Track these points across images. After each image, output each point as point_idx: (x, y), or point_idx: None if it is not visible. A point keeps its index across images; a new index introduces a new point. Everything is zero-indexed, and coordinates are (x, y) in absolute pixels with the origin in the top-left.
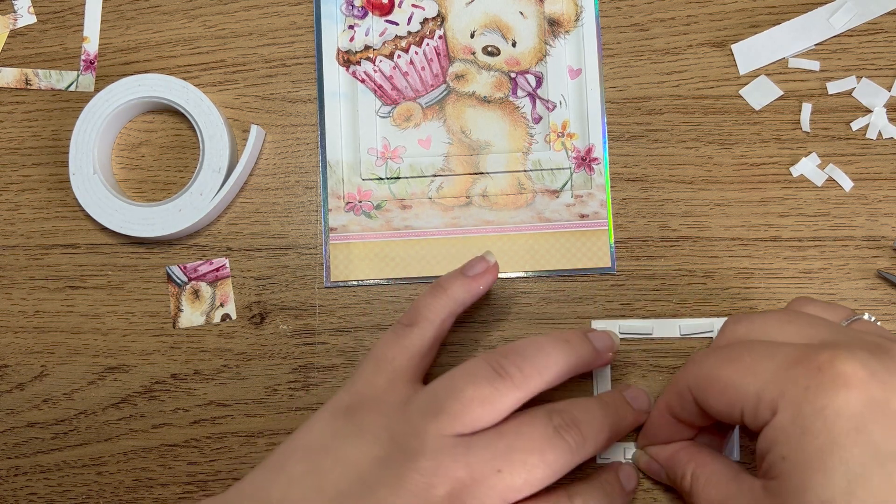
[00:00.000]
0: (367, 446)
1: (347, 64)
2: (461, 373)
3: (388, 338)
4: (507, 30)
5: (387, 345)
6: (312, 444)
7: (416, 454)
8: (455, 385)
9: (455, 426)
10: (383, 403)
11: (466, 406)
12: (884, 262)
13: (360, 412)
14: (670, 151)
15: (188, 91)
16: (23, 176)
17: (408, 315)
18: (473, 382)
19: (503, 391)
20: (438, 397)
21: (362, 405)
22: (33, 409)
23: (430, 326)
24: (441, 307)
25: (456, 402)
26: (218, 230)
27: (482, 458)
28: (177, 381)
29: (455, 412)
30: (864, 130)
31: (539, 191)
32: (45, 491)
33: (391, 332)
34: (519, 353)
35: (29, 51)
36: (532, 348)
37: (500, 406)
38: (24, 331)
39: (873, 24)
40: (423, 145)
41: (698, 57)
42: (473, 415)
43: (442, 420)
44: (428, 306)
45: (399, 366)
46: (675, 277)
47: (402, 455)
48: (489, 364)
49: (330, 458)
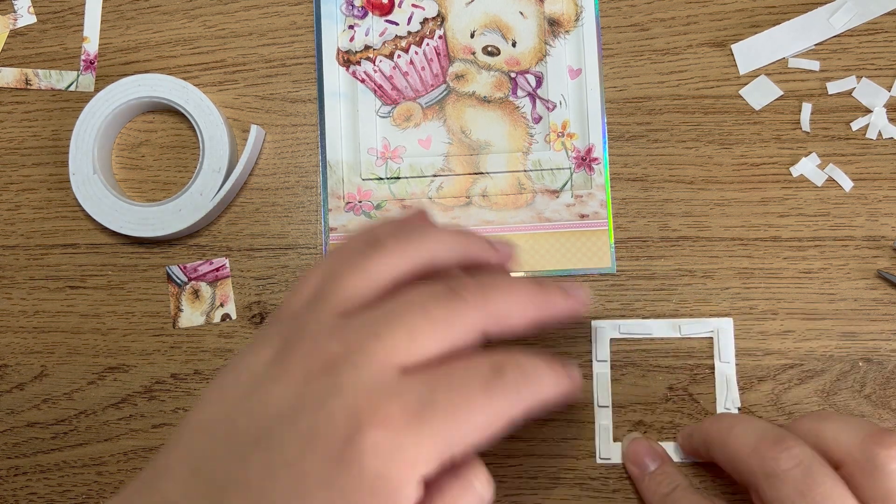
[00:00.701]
0: (264, 351)
1: (347, 64)
2: (336, 254)
3: None
4: (507, 30)
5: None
6: (227, 367)
7: (296, 341)
8: (331, 268)
9: (335, 305)
10: (282, 314)
11: (339, 281)
12: (884, 262)
13: (268, 330)
14: (670, 151)
15: (188, 91)
16: (23, 176)
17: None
18: (346, 258)
19: (375, 258)
20: (318, 286)
21: (272, 324)
22: (33, 409)
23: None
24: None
25: (330, 282)
26: (218, 230)
27: (357, 327)
28: (177, 381)
29: (330, 292)
30: (864, 130)
31: (539, 191)
32: (45, 491)
33: None
34: (396, 225)
35: (29, 51)
36: (409, 223)
37: (375, 273)
38: (24, 331)
39: (873, 24)
40: (423, 145)
41: (698, 57)
42: (348, 286)
43: (320, 304)
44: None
45: (313, 285)
46: (675, 277)
47: (285, 345)
48: (363, 240)
49: (233, 373)
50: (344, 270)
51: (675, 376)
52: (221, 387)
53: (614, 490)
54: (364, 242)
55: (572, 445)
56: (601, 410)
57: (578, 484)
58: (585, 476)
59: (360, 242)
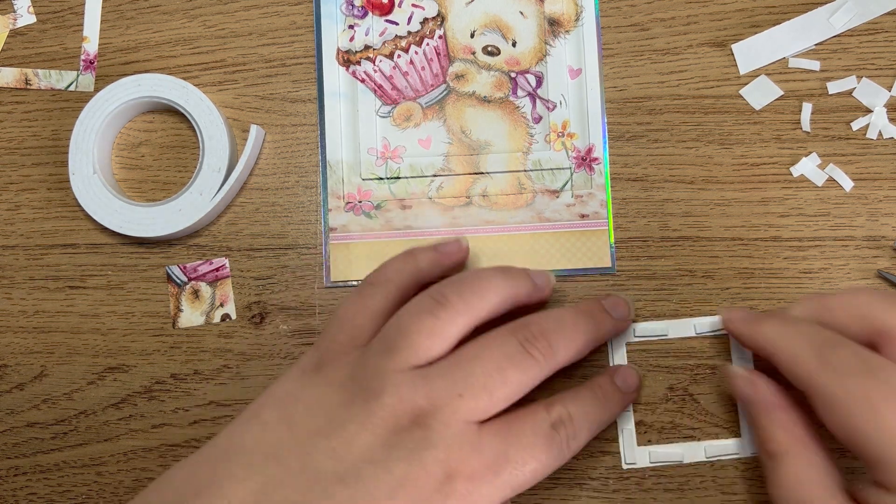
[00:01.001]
0: (334, 392)
1: (347, 64)
2: (406, 310)
3: (353, 297)
4: (507, 30)
5: (350, 304)
6: (283, 395)
7: (378, 392)
8: (401, 323)
9: (409, 360)
10: (345, 356)
11: (413, 338)
12: (884, 262)
13: (326, 367)
14: (670, 151)
15: (188, 91)
16: (23, 176)
17: (374, 274)
18: (417, 317)
19: (446, 319)
20: (389, 337)
21: (328, 361)
22: (33, 409)
23: (393, 288)
24: (406, 272)
25: (404, 339)
26: (218, 230)
27: (441, 385)
28: (177, 381)
29: (405, 347)
30: (864, 130)
31: (539, 191)
32: (45, 491)
33: (356, 290)
34: (459, 280)
35: (29, 51)
36: (471, 276)
37: (447, 334)
38: (24, 331)
39: (873, 24)
40: (423, 145)
41: (698, 57)
42: (422, 346)
43: (395, 357)
44: (394, 269)
45: (360, 324)
46: (675, 277)
47: (366, 394)
48: (431, 296)
49: (300, 405)
50: (417, 329)
51: (675, 376)
52: (290, 419)
53: (614, 490)
54: (434, 301)
55: None
56: (623, 414)
57: (579, 484)
58: (585, 476)
59: (429, 301)
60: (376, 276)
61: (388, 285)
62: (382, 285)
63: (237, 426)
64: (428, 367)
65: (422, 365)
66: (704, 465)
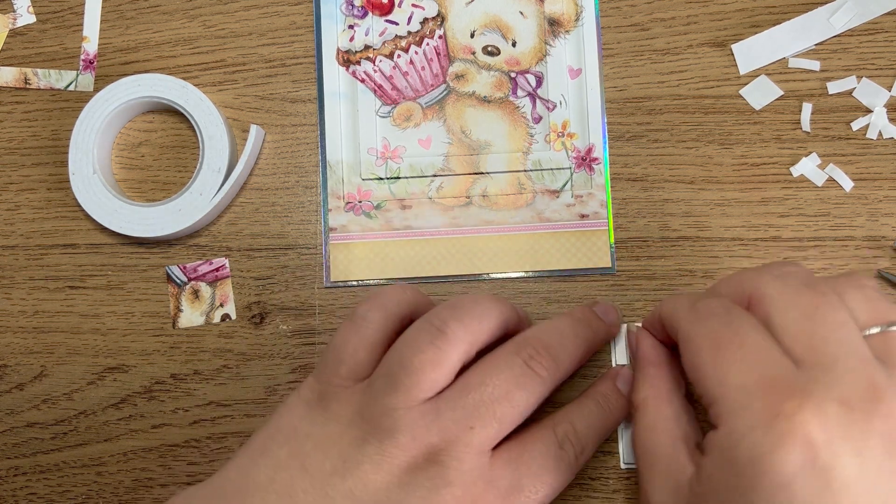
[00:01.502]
0: (345, 429)
1: (347, 64)
2: (405, 342)
3: (350, 327)
4: (507, 30)
5: (349, 335)
6: (292, 430)
7: (391, 431)
8: (403, 357)
9: (416, 395)
10: (349, 391)
11: (418, 374)
12: (884, 262)
13: (332, 402)
14: (670, 151)
15: (188, 91)
16: (22, 176)
17: (371, 302)
18: (418, 349)
19: (448, 350)
20: (392, 372)
21: (332, 395)
22: (33, 409)
23: (391, 316)
24: (405, 302)
25: (408, 375)
26: (218, 230)
27: (452, 419)
28: (177, 381)
29: (410, 384)
30: (864, 130)
31: (539, 191)
32: (45, 491)
33: (354, 320)
34: (458, 306)
35: (28, 50)
36: (469, 301)
37: (450, 363)
38: (23, 331)
39: (873, 24)
40: (423, 145)
41: (698, 57)
42: (427, 380)
43: (402, 394)
44: (392, 297)
45: (361, 359)
46: (675, 277)
47: (379, 433)
48: (431, 324)
49: (311, 441)
50: (420, 364)
51: None
52: (302, 457)
53: (614, 490)
54: (435, 329)
55: None
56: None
57: (579, 484)
58: (585, 476)
59: (430, 330)
60: (373, 304)
61: (385, 314)
62: (380, 312)
63: (247, 460)
64: (437, 400)
65: (431, 397)
66: None
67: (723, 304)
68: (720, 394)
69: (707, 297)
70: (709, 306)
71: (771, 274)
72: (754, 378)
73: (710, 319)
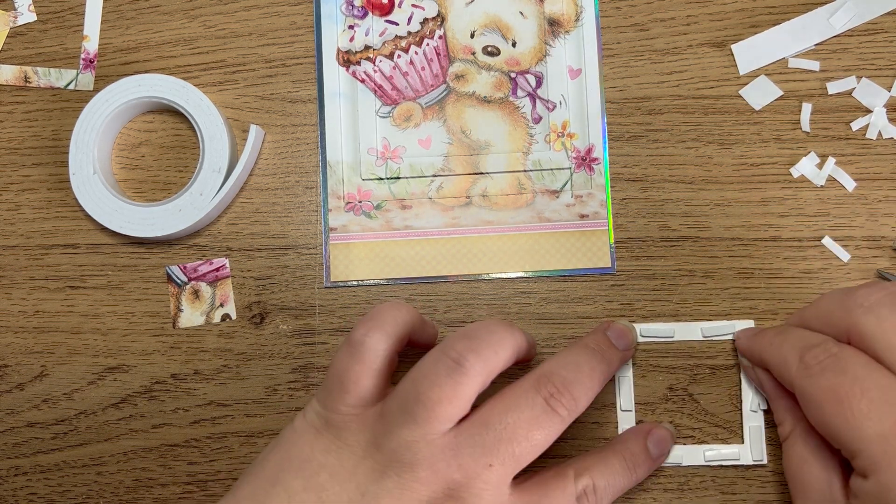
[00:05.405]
0: (360, 461)
1: (347, 64)
2: (422, 374)
3: (350, 352)
4: (507, 30)
5: (350, 362)
6: (304, 459)
7: (411, 465)
8: (419, 390)
9: (435, 428)
10: (360, 419)
11: (435, 409)
12: (884, 262)
13: (342, 430)
14: (670, 151)
15: (188, 91)
16: (23, 176)
17: (370, 323)
18: (435, 383)
19: (465, 382)
20: (408, 405)
21: (342, 423)
22: (33, 409)
23: (392, 336)
24: (401, 322)
25: (425, 409)
26: (218, 230)
27: (471, 455)
28: (177, 381)
29: (428, 417)
30: (864, 130)
31: (539, 191)
32: (45, 491)
33: (353, 345)
34: (472, 336)
35: (29, 50)
36: (483, 331)
37: (467, 396)
38: (24, 331)
39: (873, 24)
40: (423, 145)
41: (698, 57)
42: (445, 413)
43: (420, 428)
44: (390, 318)
45: (365, 386)
46: (675, 277)
47: (398, 466)
48: (447, 355)
49: (325, 472)
50: (438, 398)
51: (675, 376)
52: (318, 489)
53: None
54: (452, 361)
55: (574, 446)
56: (624, 415)
57: None
58: None
59: (446, 363)
60: (371, 326)
61: (384, 336)
62: (379, 334)
63: (258, 488)
64: (456, 433)
65: (450, 429)
66: (704, 465)
67: (828, 350)
68: (861, 448)
69: (813, 346)
70: (817, 357)
71: (861, 307)
72: (890, 424)
73: (825, 373)
